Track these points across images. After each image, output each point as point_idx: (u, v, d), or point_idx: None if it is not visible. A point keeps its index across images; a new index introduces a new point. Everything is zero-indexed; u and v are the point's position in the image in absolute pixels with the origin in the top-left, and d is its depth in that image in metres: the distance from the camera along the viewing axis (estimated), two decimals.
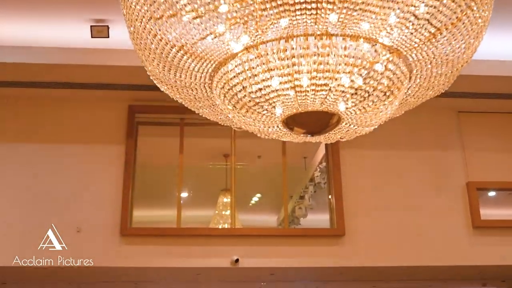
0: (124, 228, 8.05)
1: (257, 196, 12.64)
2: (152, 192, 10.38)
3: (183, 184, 9.11)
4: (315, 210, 11.00)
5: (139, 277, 9.15)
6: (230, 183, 10.05)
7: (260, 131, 3.46)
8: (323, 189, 10.05)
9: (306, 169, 11.42)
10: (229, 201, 11.61)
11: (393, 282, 10.53)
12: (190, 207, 11.16)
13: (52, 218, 8.11)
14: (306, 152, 11.42)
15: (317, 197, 10.90)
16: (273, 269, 8.50)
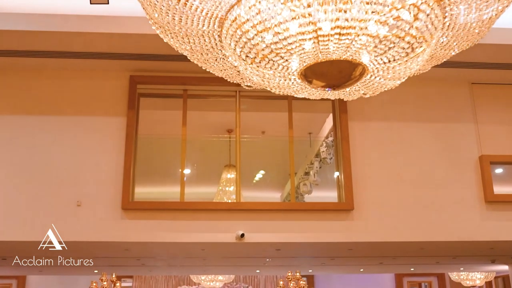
0: (125, 202, 7.75)
1: (261, 173, 12.34)
2: (155, 166, 10.06)
3: (186, 161, 8.79)
4: (320, 186, 10.69)
5: (142, 252, 8.89)
6: (234, 158, 9.77)
7: (274, 85, 3.11)
8: (329, 164, 9.73)
9: (311, 145, 11.09)
10: (232, 177, 11.31)
11: (400, 258, 10.27)
12: (193, 184, 10.86)
13: (51, 192, 7.81)
14: (311, 128, 11.08)
15: (322, 173, 10.59)
16: (279, 245, 8.23)
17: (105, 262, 9.64)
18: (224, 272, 13.72)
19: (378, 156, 8.33)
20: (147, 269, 12.03)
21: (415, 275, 18.87)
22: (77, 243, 7.87)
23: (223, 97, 8.88)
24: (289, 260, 10.34)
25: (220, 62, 3.23)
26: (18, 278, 17.75)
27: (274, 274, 16.82)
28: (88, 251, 8.54)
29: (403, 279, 19.13)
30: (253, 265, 11.21)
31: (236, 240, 7.79)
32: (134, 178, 7.99)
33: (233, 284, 18.34)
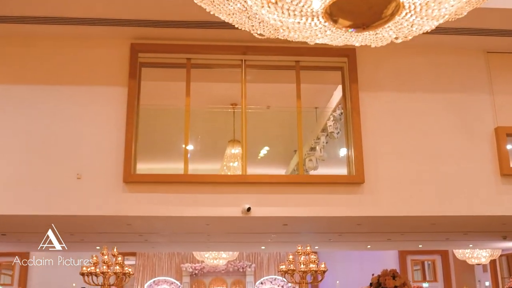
0: (127, 174, 7.37)
1: (265, 149, 11.96)
2: (157, 140, 9.68)
3: (189, 136, 8.38)
4: (327, 162, 10.31)
5: (144, 227, 8.55)
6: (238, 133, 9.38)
7: (292, 27, 2.68)
8: (336, 139, 9.33)
9: (317, 120, 10.69)
10: (237, 152, 10.94)
11: (409, 235, 9.93)
12: (196, 160, 10.49)
13: (50, 164, 7.43)
14: (318, 102, 10.66)
15: (329, 149, 10.20)
16: (286, 219, 7.86)
17: (107, 238, 9.30)
18: (228, 248, 13.39)
19: (389, 128, 7.92)
20: (150, 246, 11.70)
21: (419, 253, 18.58)
22: (77, 218, 7.52)
23: (228, 67, 8.43)
24: (295, 236, 9.99)
25: (230, 4, 2.79)
26: (21, 256, 17.48)
27: (280, 250, 16.50)
28: (89, 226, 8.19)
29: (407, 257, 18.85)
30: (258, 241, 10.87)
31: (242, 214, 7.43)
32: (136, 149, 7.60)
33: (237, 262, 18.09)
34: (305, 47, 8.20)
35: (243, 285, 18.22)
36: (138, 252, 18.15)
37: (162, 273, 18.48)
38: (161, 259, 18.54)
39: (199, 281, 18.58)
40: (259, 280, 18.33)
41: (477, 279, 18.82)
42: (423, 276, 19.33)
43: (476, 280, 18.83)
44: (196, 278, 18.54)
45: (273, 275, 18.32)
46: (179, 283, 18.26)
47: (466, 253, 15.93)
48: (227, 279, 18.77)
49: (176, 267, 18.51)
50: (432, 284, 18.67)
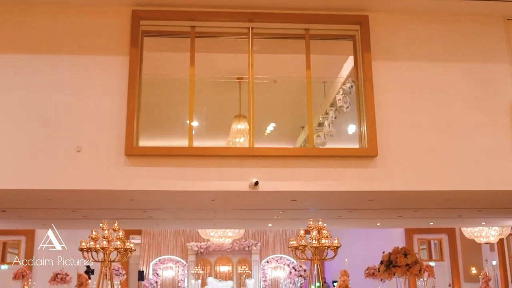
0: (129, 147, 6.94)
1: (272, 126, 11.50)
2: (160, 114, 9.21)
3: (193, 112, 7.91)
4: (335, 138, 9.85)
5: (148, 203, 8.14)
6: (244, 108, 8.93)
7: None
8: (345, 114, 8.86)
9: (326, 95, 10.21)
10: (243, 127, 10.51)
11: (421, 211, 9.52)
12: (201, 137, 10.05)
13: (48, 137, 7.01)
14: (326, 76, 10.17)
15: (337, 124, 9.72)
16: (295, 194, 7.43)
17: (110, 215, 8.91)
18: (234, 226, 13.01)
19: (404, 99, 7.45)
20: (154, 223, 11.32)
21: (425, 232, 18.26)
22: (77, 192, 7.11)
23: (234, 36, 7.93)
24: (303, 213, 9.58)
25: None
26: (27, 234, 17.27)
27: (287, 228, 16.10)
28: (90, 201, 7.79)
29: (413, 236, 18.54)
30: (265, 218, 10.46)
31: (249, 189, 7.01)
32: (138, 121, 7.17)
33: (242, 241, 17.78)
34: (315, 13, 7.81)
35: (249, 264, 17.96)
36: (143, 230, 17.88)
37: (168, 252, 18.23)
38: (166, 238, 18.27)
39: (204, 260, 18.31)
40: (265, 258, 18.07)
41: (484, 258, 18.48)
42: (429, 255, 19.01)
43: (483, 259, 18.50)
44: (201, 257, 18.28)
45: (279, 254, 18.03)
46: (184, 261, 18.01)
47: (475, 232, 15.55)
48: (232, 258, 18.51)
49: (181, 246, 18.24)
50: (438, 263, 18.34)
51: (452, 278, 18.32)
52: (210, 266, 18.41)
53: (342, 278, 9.69)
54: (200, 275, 17.53)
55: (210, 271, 18.30)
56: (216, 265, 18.46)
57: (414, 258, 8.79)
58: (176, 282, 17.88)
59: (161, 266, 17.99)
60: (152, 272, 17.67)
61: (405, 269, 8.68)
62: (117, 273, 13.82)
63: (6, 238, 17.58)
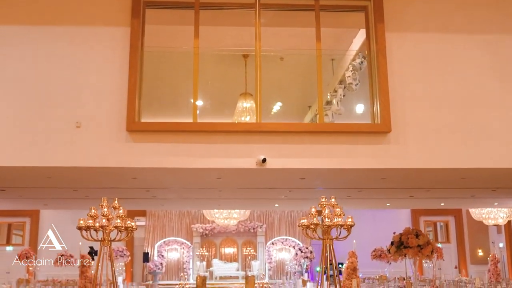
0: (130, 122, 6.54)
1: (278, 105, 11.08)
2: (164, 90, 8.79)
3: (198, 88, 7.48)
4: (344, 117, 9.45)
5: (151, 181, 7.76)
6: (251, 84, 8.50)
7: None
8: (354, 91, 8.44)
9: (334, 72, 9.77)
10: (248, 105, 10.10)
11: (433, 191, 9.13)
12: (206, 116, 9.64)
13: (46, 112, 6.62)
14: (334, 53, 9.72)
15: (346, 102, 9.30)
16: (304, 172, 7.03)
17: (112, 194, 8.45)
18: (240, 206, 12.62)
19: (419, 73, 7.03)
20: (158, 203, 10.96)
21: (432, 214, 17.91)
22: (77, 170, 6.73)
23: (241, 7, 7.47)
24: (310, 193, 9.20)
25: None
26: (32, 215, 17.03)
27: (294, 209, 15.69)
28: (91, 180, 7.42)
29: (420, 218, 18.19)
30: (272, 198, 10.08)
31: (256, 166, 6.62)
32: (140, 95, 6.76)
33: (248, 223, 17.45)
34: None
35: (254, 246, 17.66)
36: (148, 212, 17.57)
37: (173, 234, 17.93)
38: (171, 220, 17.96)
39: (209, 241, 18.01)
40: (270, 240, 17.76)
41: (491, 240, 18.16)
42: (435, 237, 18.66)
43: (490, 241, 18.18)
44: (206, 239, 17.98)
45: (284, 236, 17.72)
46: (189, 243, 17.72)
47: (483, 213, 15.18)
48: (238, 239, 18.21)
49: (186, 228, 17.94)
50: (445, 245, 17.98)
51: (459, 260, 18.00)
52: (215, 247, 18.12)
53: (350, 259, 9.31)
54: (205, 256, 17.25)
55: (215, 253, 18.02)
56: (221, 247, 18.17)
57: (426, 239, 8.41)
58: (181, 264, 17.61)
59: (166, 247, 17.71)
60: (157, 254, 17.40)
61: (417, 250, 8.32)
62: (122, 254, 13.52)
63: (11, 220, 17.36)
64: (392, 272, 14.85)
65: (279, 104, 10.83)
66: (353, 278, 8.96)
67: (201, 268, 16.49)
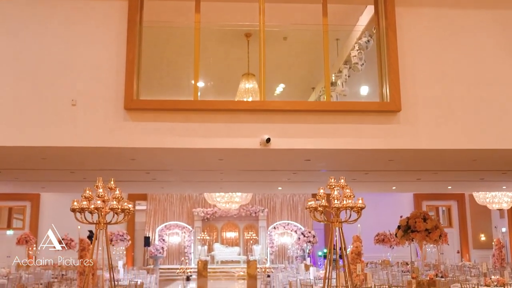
0: (128, 100, 6.18)
1: (281, 86, 10.70)
2: (164, 69, 8.39)
3: (199, 71, 7.08)
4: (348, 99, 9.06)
5: (151, 163, 7.40)
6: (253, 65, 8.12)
7: None
8: (360, 71, 8.06)
9: (339, 53, 9.37)
10: (251, 86, 9.73)
11: (441, 174, 8.79)
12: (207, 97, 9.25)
13: (40, 89, 6.26)
14: (339, 33, 9.30)
15: (351, 83, 8.91)
16: (309, 152, 6.68)
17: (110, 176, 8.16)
18: (242, 189, 12.26)
19: (430, 49, 6.66)
20: (158, 186, 10.61)
21: (435, 198, 17.61)
22: (73, 150, 6.38)
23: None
24: (315, 176, 8.87)
25: None
26: (32, 199, 16.75)
27: (298, 191, 15.29)
28: (88, 161, 7.07)
29: (422, 202, 17.89)
30: (275, 180, 9.73)
31: (260, 146, 6.26)
32: (139, 72, 6.38)
33: (249, 207, 17.16)
34: None
35: (256, 230, 17.37)
36: (149, 196, 17.27)
37: (174, 218, 17.65)
38: (172, 204, 17.66)
39: (211, 225, 17.73)
40: (272, 224, 17.48)
41: (494, 225, 17.91)
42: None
43: (493, 226, 17.92)
44: (208, 223, 17.70)
45: (286, 220, 17.42)
46: (191, 227, 17.45)
47: (487, 198, 14.87)
48: (239, 224, 17.93)
49: (187, 212, 17.65)
50: (447, 229, 17.66)
51: (461, 245, 17.73)
52: (216, 232, 17.85)
53: (355, 244, 8.98)
54: (206, 241, 16.97)
55: (216, 237, 17.75)
56: (222, 231, 17.90)
57: (434, 223, 8.09)
58: (182, 248, 17.34)
59: (167, 232, 17.44)
60: (158, 238, 17.12)
61: (424, 235, 8.01)
62: (122, 238, 13.24)
63: (12, 204, 17.12)
64: (395, 257, 14.59)
65: (282, 85, 10.45)
66: (358, 262, 8.65)
67: (203, 252, 16.23)
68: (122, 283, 8.71)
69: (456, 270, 11.77)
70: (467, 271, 11.61)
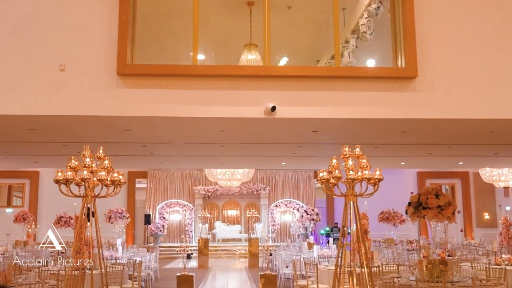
0: (121, 65, 5.58)
1: (285, 59, 10.03)
2: (159, 31, 7.71)
3: (199, 42, 6.44)
4: None
5: (147, 134, 6.80)
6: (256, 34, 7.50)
7: None
8: (368, 41, 7.42)
9: (346, 23, 8.71)
10: (253, 57, 9.12)
11: (454, 148, 8.21)
12: None
13: (26, 53, 5.68)
14: (346, 2, 8.65)
15: (358, 54, 8.27)
16: (317, 122, 6.08)
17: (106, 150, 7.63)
18: (245, 164, 11.67)
19: (449, 11, 6.03)
20: (157, 161, 10.03)
21: (438, 176, 17.08)
22: (62, 119, 5.79)
23: None
24: (321, 150, 8.29)
25: None
26: (31, 177, 16.27)
27: (303, 167, 14.61)
28: (79, 132, 6.48)
29: (426, 181, 17.36)
30: (279, 155, 9.15)
31: (265, 115, 5.67)
32: (133, 34, 5.76)
33: (251, 185, 16.64)
34: None
35: (257, 208, 16.88)
36: (149, 174, 16.74)
37: (174, 196, 17.16)
38: (173, 182, 17.14)
39: (212, 203, 17.24)
40: (274, 202, 16.98)
41: (498, 203, 17.44)
42: None
43: (497, 204, 17.45)
44: (209, 201, 17.21)
45: (288, 198, 16.92)
46: (191, 205, 16.96)
47: (494, 175, 14.39)
48: (240, 201, 17.44)
49: (188, 190, 17.15)
50: None
51: (464, 223, 17.24)
52: (217, 210, 17.35)
53: (361, 221, 8.43)
54: (207, 219, 16.48)
55: (217, 215, 17.26)
56: (223, 209, 17.40)
57: (447, 200, 7.50)
58: (183, 226, 16.86)
59: (167, 210, 16.94)
60: (159, 216, 16.63)
61: (437, 212, 7.43)
62: (121, 216, 12.71)
63: (11, 181, 16.69)
64: (398, 235, 14.13)
65: (286, 59, 9.80)
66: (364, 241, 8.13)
67: (204, 230, 15.75)
68: (120, 261, 8.20)
69: (463, 248, 11.30)
70: (473, 250, 11.14)
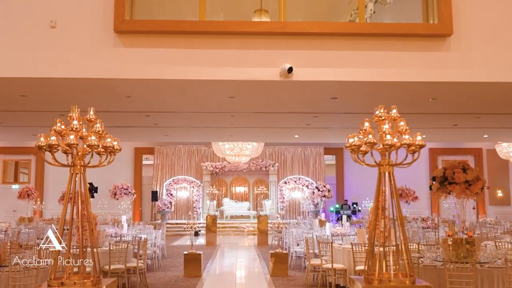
0: (119, 21, 4.84)
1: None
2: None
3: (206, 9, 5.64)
4: None
5: (149, 101, 6.07)
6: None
7: None
8: (388, 5, 6.60)
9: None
10: None
11: (483, 118, 7.46)
12: None
13: (13, 9, 4.93)
14: None
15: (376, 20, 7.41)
16: (338, 86, 5.33)
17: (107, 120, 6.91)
18: (255, 137, 10.90)
19: None
20: (162, 133, 9.32)
21: (451, 153, 16.32)
22: (53, 82, 5.08)
23: None
24: (339, 120, 7.57)
25: None
26: (37, 153, 15.68)
27: (316, 141, 13.76)
28: (73, 97, 5.76)
29: (438, 157, 16.63)
30: (292, 126, 8.40)
31: (280, 78, 4.92)
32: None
33: (259, 161, 15.96)
34: None
35: (266, 185, 16.21)
36: (156, 150, 16.09)
37: (182, 172, 16.54)
38: (180, 158, 16.49)
39: (220, 180, 16.60)
40: (283, 179, 16.31)
41: (511, 180, 16.71)
42: None
43: (510, 181, 16.72)
44: (217, 177, 16.58)
45: (297, 175, 16.23)
46: (199, 182, 16.34)
47: (511, 151, 13.66)
48: (249, 178, 16.78)
49: (196, 166, 16.51)
50: None
51: (477, 201, 16.49)
52: (225, 186, 16.69)
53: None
54: (215, 195, 15.84)
55: (225, 192, 16.62)
56: (232, 186, 16.74)
57: (476, 174, 6.74)
58: (190, 203, 16.24)
59: (175, 186, 16.31)
60: (166, 193, 16.00)
61: (464, 187, 6.69)
62: (126, 192, 12.10)
63: (18, 158, 16.21)
64: (411, 213, 13.47)
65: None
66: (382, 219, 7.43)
67: (212, 207, 15.13)
68: (125, 238, 7.58)
69: (479, 226, 10.61)
70: (490, 227, 10.45)
